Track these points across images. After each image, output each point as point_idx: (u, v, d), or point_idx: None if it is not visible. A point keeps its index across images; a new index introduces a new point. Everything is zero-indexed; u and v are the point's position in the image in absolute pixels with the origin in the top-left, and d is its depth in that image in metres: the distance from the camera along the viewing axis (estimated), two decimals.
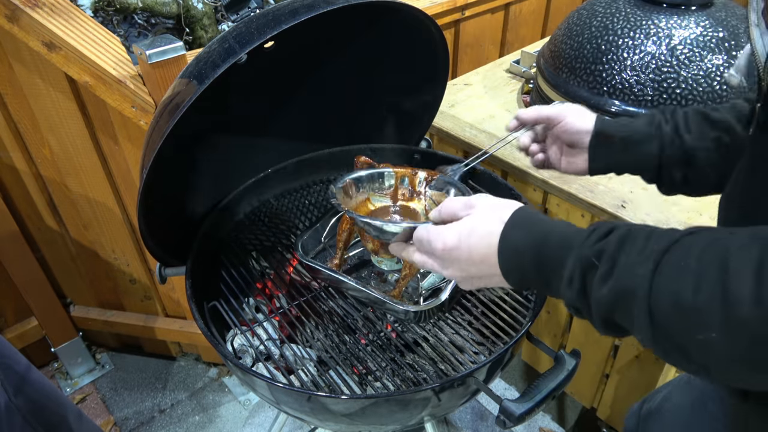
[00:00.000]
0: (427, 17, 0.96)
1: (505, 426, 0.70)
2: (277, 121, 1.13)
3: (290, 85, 1.08)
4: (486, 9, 1.88)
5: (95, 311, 1.74)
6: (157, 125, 0.78)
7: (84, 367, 1.82)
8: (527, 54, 1.61)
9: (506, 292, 0.97)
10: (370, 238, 0.90)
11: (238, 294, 0.96)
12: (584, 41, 1.29)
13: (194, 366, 1.86)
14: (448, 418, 1.68)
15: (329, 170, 1.23)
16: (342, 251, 0.99)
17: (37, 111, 1.30)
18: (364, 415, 0.77)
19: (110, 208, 1.46)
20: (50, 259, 1.61)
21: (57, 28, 1.11)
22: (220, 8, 1.80)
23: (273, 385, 0.75)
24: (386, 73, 1.11)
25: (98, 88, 1.15)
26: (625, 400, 1.38)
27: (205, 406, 1.73)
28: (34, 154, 1.40)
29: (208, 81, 0.72)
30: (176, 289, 1.62)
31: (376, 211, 0.92)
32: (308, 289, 0.99)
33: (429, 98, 1.17)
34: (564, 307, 1.41)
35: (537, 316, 0.85)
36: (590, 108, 1.27)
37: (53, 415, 1.02)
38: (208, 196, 1.07)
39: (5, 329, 1.64)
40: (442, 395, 0.77)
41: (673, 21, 1.20)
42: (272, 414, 1.69)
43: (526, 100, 1.52)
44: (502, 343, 0.86)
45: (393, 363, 0.85)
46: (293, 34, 0.74)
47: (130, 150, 1.30)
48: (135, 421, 1.69)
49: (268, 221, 1.14)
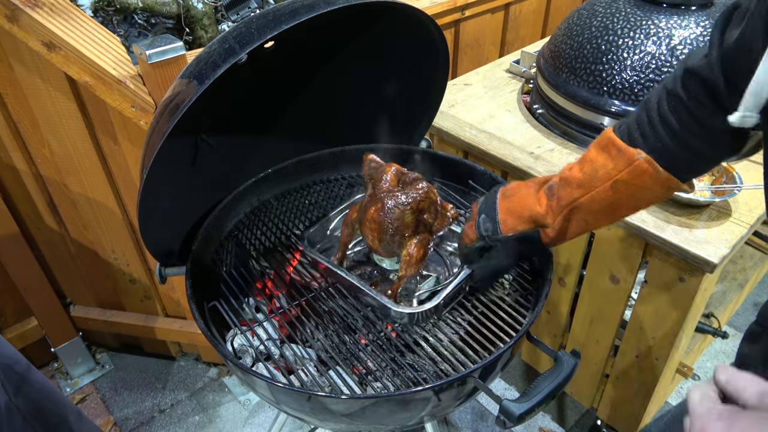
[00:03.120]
0: (427, 17, 0.96)
1: (505, 426, 0.70)
2: (277, 121, 1.13)
3: (290, 85, 1.08)
4: (486, 9, 1.88)
5: (95, 311, 1.74)
6: (157, 125, 0.78)
7: (84, 367, 1.82)
8: (527, 54, 1.61)
9: (507, 292, 0.97)
10: (374, 238, 0.90)
11: (238, 294, 0.96)
12: (584, 41, 1.29)
13: (194, 366, 1.86)
14: (448, 418, 1.68)
15: (329, 170, 1.23)
16: (343, 249, 0.99)
17: (37, 111, 1.30)
18: (364, 415, 0.77)
19: (110, 208, 1.46)
20: (50, 259, 1.61)
21: (57, 28, 1.11)
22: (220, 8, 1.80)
23: (273, 385, 0.75)
24: (386, 73, 1.11)
25: (98, 88, 1.15)
26: (625, 400, 1.38)
27: (205, 406, 1.73)
28: (34, 153, 1.40)
29: (208, 81, 0.72)
30: (176, 289, 1.62)
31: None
32: (308, 289, 0.99)
33: (429, 98, 1.17)
34: (564, 307, 1.41)
35: (537, 316, 0.85)
36: (590, 108, 1.28)
37: (53, 415, 1.02)
38: (208, 196, 1.07)
39: (5, 329, 1.64)
40: (442, 395, 0.77)
41: (673, 21, 1.20)
42: (272, 414, 1.69)
43: (526, 100, 1.52)
44: (502, 343, 0.86)
45: (393, 363, 0.85)
46: (293, 34, 0.74)
47: (130, 150, 1.30)
48: (135, 421, 1.69)
49: (268, 221, 1.14)
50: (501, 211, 0.82)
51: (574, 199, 0.75)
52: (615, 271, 1.22)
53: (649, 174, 0.68)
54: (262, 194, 1.17)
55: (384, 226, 0.88)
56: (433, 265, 1.03)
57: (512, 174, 1.31)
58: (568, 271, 1.34)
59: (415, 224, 0.89)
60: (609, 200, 0.72)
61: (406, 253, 0.89)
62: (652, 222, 1.10)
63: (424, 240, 0.90)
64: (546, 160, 1.28)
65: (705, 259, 1.02)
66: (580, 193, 0.74)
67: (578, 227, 0.78)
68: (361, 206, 0.95)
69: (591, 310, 1.33)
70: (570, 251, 1.31)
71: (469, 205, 1.13)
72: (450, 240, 1.06)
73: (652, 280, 1.16)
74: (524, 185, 0.82)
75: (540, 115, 1.44)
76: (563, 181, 0.76)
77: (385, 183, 0.92)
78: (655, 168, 0.68)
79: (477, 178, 1.13)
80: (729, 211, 1.13)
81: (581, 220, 0.76)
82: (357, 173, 1.24)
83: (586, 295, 1.33)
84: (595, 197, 0.73)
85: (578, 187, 0.74)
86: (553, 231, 0.78)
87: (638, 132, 0.70)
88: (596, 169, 0.72)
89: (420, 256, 0.89)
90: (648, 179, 0.69)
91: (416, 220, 0.89)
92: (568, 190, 0.75)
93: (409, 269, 0.89)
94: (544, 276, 0.91)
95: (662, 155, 0.68)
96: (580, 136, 1.34)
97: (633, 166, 0.69)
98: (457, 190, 1.16)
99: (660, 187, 0.70)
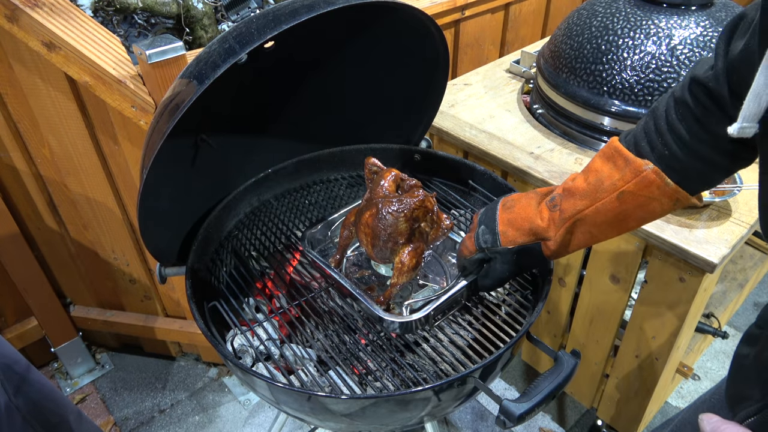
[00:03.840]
0: (427, 17, 0.96)
1: (505, 426, 0.70)
2: (277, 121, 1.13)
3: (290, 85, 1.08)
4: (486, 9, 1.88)
5: (95, 311, 1.74)
6: (157, 125, 0.78)
7: (84, 367, 1.82)
8: (527, 54, 1.61)
9: (507, 292, 0.97)
10: (368, 243, 0.90)
11: (238, 294, 0.96)
12: (584, 41, 1.29)
13: (194, 366, 1.86)
14: (448, 418, 1.68)
15: (329, 170, 1.23)
16: (341, 251, 0.99)
17: (37, 111, 1.30)
18: (364, 415, 0.77)
19: (110, 208, 1.46)
20: (50, 259, 1.61)
21: (57, 28, 1.11)
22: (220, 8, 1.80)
23: (273, 385, 0.75)
24: (386, 73, 1.11)
25: (98, 88, 1.15)
26: (625, 400, 1.38)
27: (205, 406, 1.73)
28: (34, 153, 1.40)
29: (208, 81, 0.72)
30: (176, 289, 1.62)
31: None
32: (308, 289, 0.99)
33: (429, 98, 1.17)
34: (564, 307, 1.41)
35: (537, 316, 0.85)
36: (590, 108, 1.28)
37: (53, 415, 1.02)
38: (208, 196, 1.07)
39: (5, 329, 1.64)
40: (442, 395, 0.77)
41: (673, 21, 1.20)
42: (272, 414, 1.69)
43: (526, 100, 1.52)
44: (502, 343, 0.86)
45: (393, 363, 0.85)
46: (293, 34, 0.74)
47: (130, 150, 1.30)
48: (135, 421, 1.69)
49: (268, 221, 1.14)
50: (501, 223, 0.80)
51: (578, 210, 0.73)
52: (615, 271, 1.22)
53: (656, 185, 0.67)
54: (262, 194, 1.17)
55: (377, 232, 0.86)
56: (432, 275, 1.02)
57: (512, 174, 1.31)
58: (568, 271, 1.34)
59: (409, 232, 0.87)
60: (615, 212, 0.71)
61: (398, 260, 0.88)
62: (652, 222, 1.10)
63: (418, 249, 0.88)
64: (546, 160, 1.28)
65: (705, 259, 1.02)
66: (585, 205, 0.72)
67: (582, 239, 0.75)
68: (358, 210, 0.94)
69: (591, 310, 1.33)
70: None
71: (469, 205, 1.13)
72: (453, 250, 1.04)
73: (652, 280, 1.16)
74: (525, 196, 0.81)
75: (540, 115, 1.44)
76: (566, 192, 0.74)
77: (382, 188, 0.91)
78: (663, 179, 0.67)
79: (477, 178, 1.13)
80: (729, 211, 1.13)
81: (586, 233, 0.74)
82: (357, 173, 1.24)
83: (586, 295, 1.33)
84: (600, 209, 0.71)
85: (582, 198, 0.72)
86: (554, 244, 0.77)
87: (645, 141, 0.69)
88: (602, 179, 0.71)
89: (412, 264, 0.87)
90: (656, 190, 0.68)
91: (410, 228, 0.87)
92: (571, 201, 0.73)
93: (401, 277, 0.88)
94: (544, 276, 0.91)
95: (670, 165, 0.67)
96: (580, 136, 1.34)
97: (640, 177, 0.67)
98: (457, 190, 1.16)
99: (668, 199, 0.69)
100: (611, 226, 0.73)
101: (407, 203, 0.86)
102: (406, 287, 0.97)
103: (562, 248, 0.77)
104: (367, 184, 0.97)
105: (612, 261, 1.21)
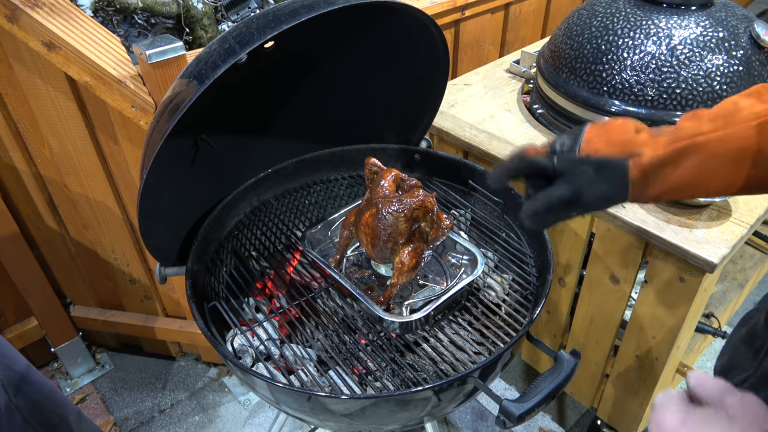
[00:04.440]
0: (427, 17, 0.96)
1: (505, 426, 0.70)
2: (277, 121, 1.13)
3: (290, 85, 1.08)
4: (486, 9, 1.88)
5: (95, 311, 1.74)
6: (157, 125, 0.78)
7: (84, 367, 1.82)
8: (527, 54, 1.61)
9: (507, 292, 0.97)
10: (368, 243, 0.90)
11: (238, 294, 0.96)
12: (584, 41, 1.29)
13: (194, 366, 1.86)
14: (448, 418, 1.68)
15: (329, 170, 1.23)
16: (341, 251, 0.99)
17: (37, 111, 1.30)
18: (364, 415, 0.77)
19: (110, 208, 1.46)
20: (50, 259, 1.61)
21: (57, 28, 1.11)
22: (220, 8, 1.80)
23: (273, 385, 0.75)
24: (386, 73, 1.11)
25: (98, 88, 1.15)
26: (625, 400, 1.38)
27: (205, 406, 1.73)
28: (34, 153, 1.40)
29: (208, 81, 0.72)
30: (176, 289, 1.62)
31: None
32: (308, 289, 0.99)
33: (429, 98, 1.17)
34: (564, 307, 1.41)
35: (537, 316, 0.85)
36: (590, 108, 1.28)
37: (53, 415, 1.02)
38: (208, 196, 1.07)
39: (5, 329, 1.64)
40: (442, 395, 0.77)
41: (673, 21, 1.20)
42: (272, 414, 1.69)
43: (526, 100, 1.52)
44: (502, 343, 0.86)
45: (393, 363, 0.85)
46: (293, 34, 0.74)
47: (130, 150, 1.30)
48: (135, 421, 1.69)
49: (268, 221, 1.14)
50: (588, 131, 0.65)
51: (699, 132, 0.59)
52: (615, 271, 1.22)
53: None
54: (262, 194, 1.17)
55: (377, 232, 0.87)
56: (432, 275, 1.02)
57: None
58: (568, 271, 1.34)
59: (409, 232, 0.87)
60: (746, 144, 0.57)
61: (398, 260, 0.88)
62: (652, 222, 1.10)
63: (418, 249, 0.88)
64: None
65: (705, 259, 1.02)
66: (711, 128, 0.58)
67: (685, 174, 0.60)
68: (358, 210, 0.95)
69: (591, 310, 1.33)
70: (570, 251, 1.31)
71: (469, 205, 1.13)
72: (452, 251, 1.04)
73: (652, 280, 1.16)
74: (621, 118, 0.66)
75: (540, 115, 1.44)
76: (689, 116, 0.61)
77: (382, 188, 0.91)
78: None
79: (477, 178, 1.13)
80: (729, 211, 1.13)
81: (696, 164, 0.59)
82: (357, 173, 1.24)
83: (586, 295, 1.33)
84: (730, 136, 0.57)
85: (711, 122, 0.59)
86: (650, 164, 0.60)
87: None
88: (739, 109, 0.58)
89: (412, 264, 0.88)
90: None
91: (410, 228, 0.87)
92: (693, 122, 0.60)
93: (401, 277, 0.88)
94: (544, 276, 0.91)
95: None
96: None
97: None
98: (457, 190, 1.16)
99: None
100: (735, 164, 0.58)
101: (407, 203, 0.86)
102: (406, 287, 0.97)
103: (653, 178, 0.61)
104: (367, 184, 0.97)
105: (612, 261, 1.21)
